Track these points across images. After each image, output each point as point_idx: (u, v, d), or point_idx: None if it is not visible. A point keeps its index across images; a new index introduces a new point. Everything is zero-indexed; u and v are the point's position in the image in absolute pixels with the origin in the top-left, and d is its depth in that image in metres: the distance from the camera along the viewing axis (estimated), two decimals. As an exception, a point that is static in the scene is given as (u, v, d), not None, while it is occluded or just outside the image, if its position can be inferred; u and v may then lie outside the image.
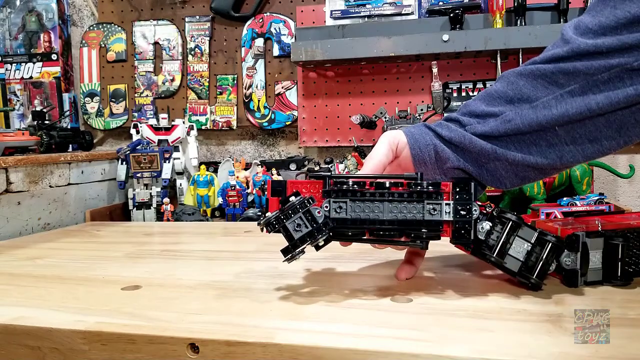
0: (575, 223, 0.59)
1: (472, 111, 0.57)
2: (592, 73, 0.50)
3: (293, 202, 0.51)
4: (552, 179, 1.05)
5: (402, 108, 1.32)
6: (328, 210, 0.53)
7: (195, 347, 0.44)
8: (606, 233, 0.54)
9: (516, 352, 0.39)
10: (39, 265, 0.76)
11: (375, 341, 0.42)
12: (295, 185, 0.55)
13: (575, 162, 0.54)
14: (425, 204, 0.52)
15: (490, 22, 1.21)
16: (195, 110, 1.50)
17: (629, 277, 0.54)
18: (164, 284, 0.62)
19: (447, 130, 0.57)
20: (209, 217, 1.31)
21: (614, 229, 0.55)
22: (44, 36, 1.54)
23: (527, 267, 0.53)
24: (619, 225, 0.56)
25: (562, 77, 0.52)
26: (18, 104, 1.54)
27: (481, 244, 0.53)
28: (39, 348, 0.48)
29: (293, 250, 0.51)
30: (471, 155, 0.56)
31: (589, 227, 0.56)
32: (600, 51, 0.49)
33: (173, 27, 1.51)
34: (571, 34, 0.52)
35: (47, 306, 0.55)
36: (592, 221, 0.58)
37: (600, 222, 0.57)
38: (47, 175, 1.15)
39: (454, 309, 0.50)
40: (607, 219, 0.60)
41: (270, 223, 0.51)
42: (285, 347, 0.42)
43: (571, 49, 0.51)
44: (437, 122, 0.59)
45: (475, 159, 0.56)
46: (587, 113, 0.50)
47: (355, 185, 0.53)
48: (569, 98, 0.51)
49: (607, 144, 0.52)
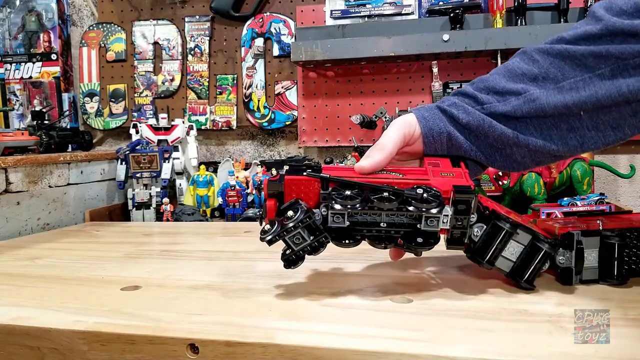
0: (577, 222, 0.59)
1: (492, 87, 0.54)
2: (624, 57, 0.48)
3: (294, 219, 0.49)
4: (552, 179, 1.05)
5: (402, 108, 1.32)
6: (326, 216, 0.52)
7: (195, 348, 0.44)
8: (602, 232, 0.54)
9: (516, 352, 0.39)
10: (39, 266, 0.75)
11: (375, 341, 0.42)
12: (295, 185, 0.52)
13: (595, 148, 0.52)
14: (424, 216, 0.51)
15: (490, 21, 1.21)
16: (195, 110, 1.50)
17: (625, 277, 0.54)
18: (163, 284, 0.62)
19: (464, 113, 0.54)
20: (209, 217, 1.31)
21: (610, 228, 0.54)
22: (44, 36, 1.53)
23: (518, 269, 0.53)
24: (620, 225, 0.56)
25: (592, 60, 0.50)
26: (17, 103, 1.54)
27: (474, 248, 0.53)
28: (39, 348, 0.48)
29: (295, 260, 0.52)
30: (487, 140, 0.54)
31: (590, 226, 0.56)
32: (635, 32, 0.47)
33: (173, 27, 1.50)
34: (603, 12, 0.50)
35: (47, 306, 0.54)
36: (594, 221, 0.58)
37: (602, 222, 0.56)
38: (47, 175, 1.15)
39: (454, 309, 0.49)
40: (611, 219, 0.60)
41: (272, 240, 0.50)
42: (285, 347, 0.42)
43: (605, 27, 0.49)
44: (451, 98, 0.56)
45: (490, 144, 0.55)
46: (617, 96, 0.48)
47: (356, 193, 0.51)
48: (598, 81, 0.49)
49: (629, 132, 0.51)
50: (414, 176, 0.53)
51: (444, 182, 0.52)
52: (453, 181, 0.52)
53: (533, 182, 1.04)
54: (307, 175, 0.52)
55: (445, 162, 0.56)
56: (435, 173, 0.53)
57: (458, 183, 0.51)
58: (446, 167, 0.55)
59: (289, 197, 0.52)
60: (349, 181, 0.51)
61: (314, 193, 0.52)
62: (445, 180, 0.52)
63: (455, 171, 0.54)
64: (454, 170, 0.54)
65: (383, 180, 0.52)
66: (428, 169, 0.54)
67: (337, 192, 0.51)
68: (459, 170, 0.54)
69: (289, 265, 0.52)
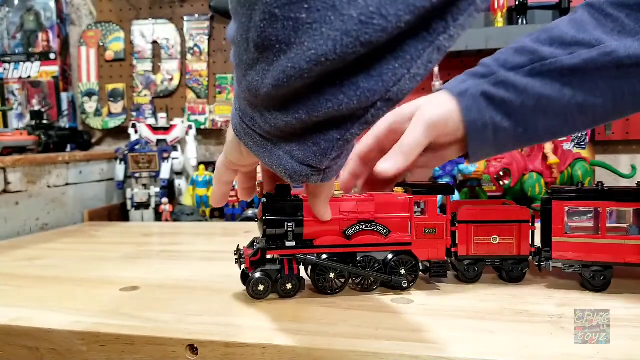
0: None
1: (558, 37, 0.49)
2: None
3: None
4: (553, 179, 1.05)
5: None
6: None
7: (194, 349, 0.44)
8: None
9: (517, 352, 0.39)
10: (37, 266, 0.75)
11: (375, 343, 0.42)
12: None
13: None
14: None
15: (491, 21, 1.21)
16: (194, 110, 1.49)
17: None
18: (162, 284, 0.62)
19: (515, 94, 0.50)
20: (208, 218, 1.30)
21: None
22: (42, 35, 1.53)
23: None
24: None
25: None
26: (16, 103, 1.53)
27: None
28: (37, 349, 0.48)
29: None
30: (545, 117, 0.51)
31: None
32: None
33: (172, 26, 1.50)
34: None
35: (45, 307, 0.54)
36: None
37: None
38: (45, 175, 1.14)
39: (454, 310, 0.49)
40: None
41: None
42: (284, 348, 0.42)
43: None
44: (510, 60, 0.51)
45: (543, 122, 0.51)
46: None
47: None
48: None
49: None
50: (395, 235, 0.54)
51: (424, 252, 0.55)
52: (432, 251, 0.55)
53: (534, 182, 1.04)
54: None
55: (433, 203, 0.55)
56: (419, 230, 0.55)
57: (436, 255, 0.55)
58: (432, 215, 0.55)
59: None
60: (322, 263, 0.53)
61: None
62: (427, 244, 0.55)
63: (438, 224, 0.55)
64: (438, 220, 0.55)
65: (361, 240, 0.54)
66: (413, 223, 0.55)
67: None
68: (442, 222, 0.55)
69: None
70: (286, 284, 0.53)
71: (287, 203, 0.52)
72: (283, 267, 0.52)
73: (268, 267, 0.52)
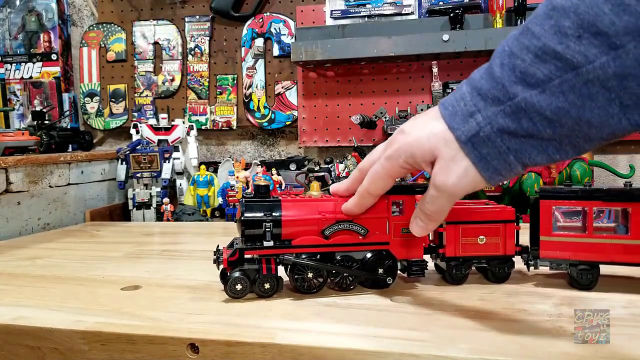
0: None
1: (590, 22, 0.33)
2: None
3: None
4: (552, 179, 1.05)
5: (402, 108, 1.32)
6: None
7: (195, 347, 0.44)
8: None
9: (516, 352, 0.39)
10: (39, 266, 0.76)
11: (375, 341, 0.42)
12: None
13: None
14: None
15: (490, 22, 1.21)
16: (195, 110, 1.50)
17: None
18: (163, 284, 0.62)
19: (544, 123, 0.37)
20: (209, 217, 1.31)
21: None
22: (44, 36, 1.53)
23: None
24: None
25: None
26: (18, 104, 1.54)
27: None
28: (39, 348, 0.48)
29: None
30: (590, 143, 0.38)
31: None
32: None
33: (173, 27, 1.50)
34: None
35: (47, 306, 0.55)
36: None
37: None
38: (47, 175, 1.15)
39: (454, 309, 0.50)
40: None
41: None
42: (285, 347, 0.42)
43: None
44: (530, 72, 0.37)
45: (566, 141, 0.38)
46: None
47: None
48: None
49: None
50: (374, 236, 0.54)
51: (402, 251, 0.55)
52: (410, 250, 0.56)
53: (533, 182, 1.04)
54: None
55: (411, 203, 0.55)
56: (397, 230, 0.55)
57: (414, 254, 0.56)
58: (410, 215, 0.53)
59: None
60: (303, 262, 0.53)
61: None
62: (404, 243, 0.55)
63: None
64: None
65: (339, 239, 0.54)
66: (391, 222, 0.55)
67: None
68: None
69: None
70: (264, 283, 0.53)
71: (266, 203, 0.52)
72: (261, 267, 0.53)
73: (246, 267, 0.53)
